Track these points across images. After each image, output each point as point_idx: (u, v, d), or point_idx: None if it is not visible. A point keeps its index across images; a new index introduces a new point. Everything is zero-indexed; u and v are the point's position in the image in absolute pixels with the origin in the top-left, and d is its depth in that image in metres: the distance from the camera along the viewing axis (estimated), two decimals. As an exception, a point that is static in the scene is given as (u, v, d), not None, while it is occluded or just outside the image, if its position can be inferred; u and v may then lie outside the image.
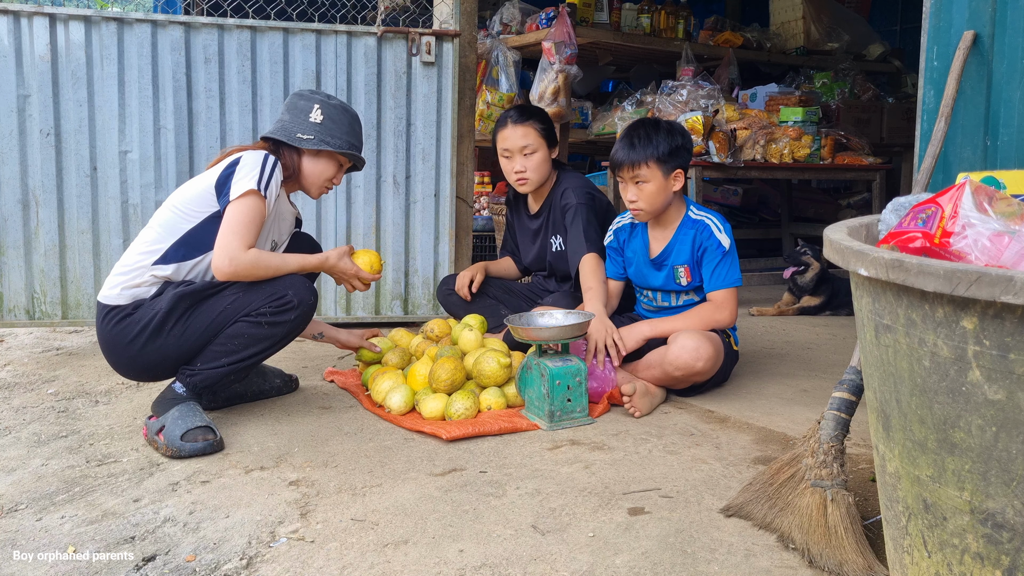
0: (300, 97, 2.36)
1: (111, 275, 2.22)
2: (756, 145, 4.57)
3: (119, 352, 2.20)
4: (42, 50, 3.15)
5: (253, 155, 2.23)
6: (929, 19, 2.10)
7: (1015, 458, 0.97)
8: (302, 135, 2.31)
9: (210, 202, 2.21)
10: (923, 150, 2.08)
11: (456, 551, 1.57)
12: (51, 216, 3.22)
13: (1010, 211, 1.13)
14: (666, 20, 5.47)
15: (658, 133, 2.50)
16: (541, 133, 2.91)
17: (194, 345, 2.18)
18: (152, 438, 2.11)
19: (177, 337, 2.16)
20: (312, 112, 2.32)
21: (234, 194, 2.16)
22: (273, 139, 2.33)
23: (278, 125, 2.35)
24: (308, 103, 2.34)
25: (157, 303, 2.15)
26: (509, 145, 2.92)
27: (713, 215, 2.61)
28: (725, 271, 2.54)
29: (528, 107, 3.00)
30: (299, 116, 2.32)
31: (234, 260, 2.13)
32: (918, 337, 1.04)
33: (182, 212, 2.21)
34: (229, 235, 2.14)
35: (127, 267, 2.20)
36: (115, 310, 2.17)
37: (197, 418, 2.10)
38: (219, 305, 2.18)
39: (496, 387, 2.44)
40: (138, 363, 2.20)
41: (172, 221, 2.21)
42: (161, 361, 2.19)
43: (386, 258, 3.59)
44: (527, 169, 2.91)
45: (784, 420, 2.36)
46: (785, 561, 1.53)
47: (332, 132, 2.33)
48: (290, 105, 2.36)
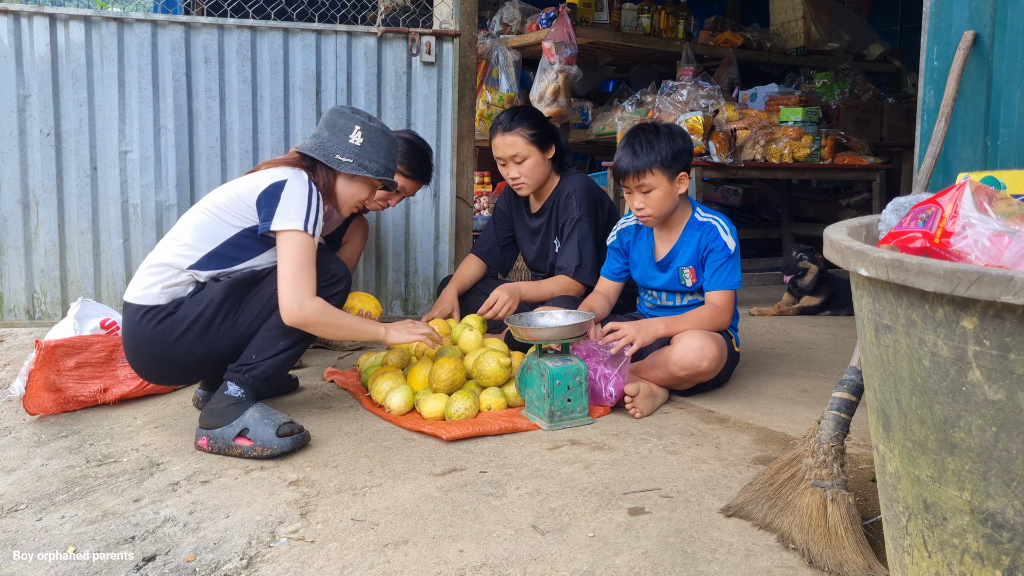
0: (340, 115, 2.29)
1: (142, 275, 2.16)
2: (756, 145, 4.57)
3: (160, 352, 2.13)
4: (42, 50, 3.15)
5: (299, 182, 2.17)
6: (929, 19, 2.10)
7: (1015, 458, 0.97)
8: (341, 157, 2.25)
9: (247, 215, 2.16)
10: (923, 150, 2.08)
11: (456, 551, 1.57)
12: (51, 216, 3.22)
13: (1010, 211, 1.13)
14: (666, 20, 5.47)
15: (659, 138, 2.49)
16: (530, 139, 2.87)
17: (243, 336, 2.15)
18: (228, 445, 2.07)
19: (228, 329, 2.13)
20: (353, 133, 2.26)
21: (279, 225, 2.11)
22: (310, 156, 2.26)
23: (315, 142, 2.28)
24: (349, 123, 2.27)
25: (205, 296, 2.12)
26: (500, 154, 2.92)
27: (720, 216, 2.60)
28: (727, 273, 2.54)
29: (519, 110, 2.96)
30: (339, 136, 2.26)
31: (304, 306, 2.10)
32: (918, 337, 1.04)
33: (217, 217, 2.17)
34: (293, 280, 2.09)
35: (161, 266, 2.15)
36: (154, 310, 2.11)
37: (278, 415, 2.11)
38: (269, 289, 2.16)
39: (496, 387, 2.44)
40: (181, 363, 2.15)
41: (206, 225, 2.17)
42: (205, 357, 2.15)
43: (386, 258, 3.59)
44: (521, 176, 2.91)
45: (784, 420, 2.36)
46: (785, 561, 1.53)
47: (371, 156, 2.28)
48: (329, 122, 2.29)
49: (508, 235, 3.25)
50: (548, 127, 2.96)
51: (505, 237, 3.24)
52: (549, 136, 2.94)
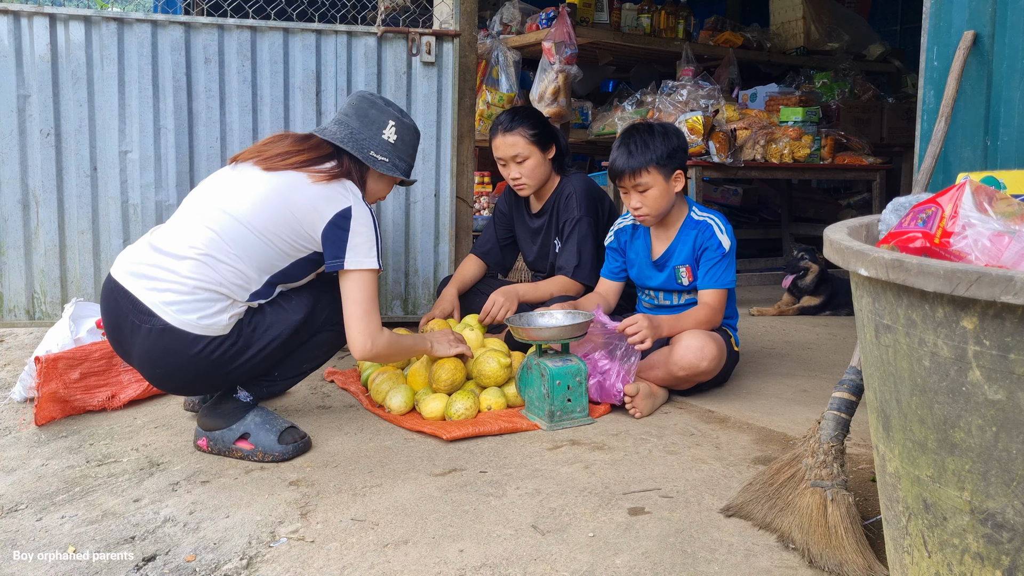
0: (372, 105, 2.19)
1: (185, 297, 1.94)
2: (756, 145, 4.57)
3: (207, 376, 2.02)
4: (42, 50, 3.15)
5: (362, 210, 2.07)
6: (929, 19, 2.10)
7: (1015, 458, 0.97)
8: (376, 155, 2.16)
9: (308, 244, 2.06)
10: (923, 150, 2.08)
11: (456, 551, 1.57)
12: (51, 216, 3.22)
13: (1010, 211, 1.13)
14: (666, 20, 5.47)
15: (654, 137, 2.50)
16: (531, 139, 2.87)
17: (284, 357, 2.14)
18: (228, 448, 2.07)
19: (281, 357, 2.12)
20: (387, 129, 2.17)
21: (353, 264, 2.04)
22: (338, 147, 2.15)
23: (346, 132, 2.14)
24: (383, 116, 2.18)
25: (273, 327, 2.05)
26: (500, 154, 2.91)
27: (716, 215, 2.61)
28: (721, 272, 2.54)
29: (519, 111, 2.95)
30: (372, 129, 2.16)
31: (375, 343, 2.09)
32: (918, 337, 1.04)
33: (270, 242, 2.02)
34: (364, 319, 2.07)
35: (210, 293, 1.95)
36: (216, 340, 1.97)
37: (280, 419, 2.11)
38: (318, 319, 2.15)
39: (496, 387, 2.44)
40: (222, 383, 2.08)
41: (257, 249, 2.01)
42: (243, 375, 2.07)
43: (386, 258, 3.59)
44: (522, 176, 2.90)
45: (784, 420, 2.36)
46: (785, 561, 1.53)
47: (402, 155, 2.22)
48: (360, 112, 2.18)
49: (508, 235, 3.25)
50: (548, 127, 2.96)
51: (505, 237, 3.25)
52: (549, 136, 2.94)
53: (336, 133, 2.16)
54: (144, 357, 1.98)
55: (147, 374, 2.04)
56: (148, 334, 1.94)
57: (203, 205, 2.08)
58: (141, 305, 1.94)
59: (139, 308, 1.94)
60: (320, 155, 2.13)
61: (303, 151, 2.12)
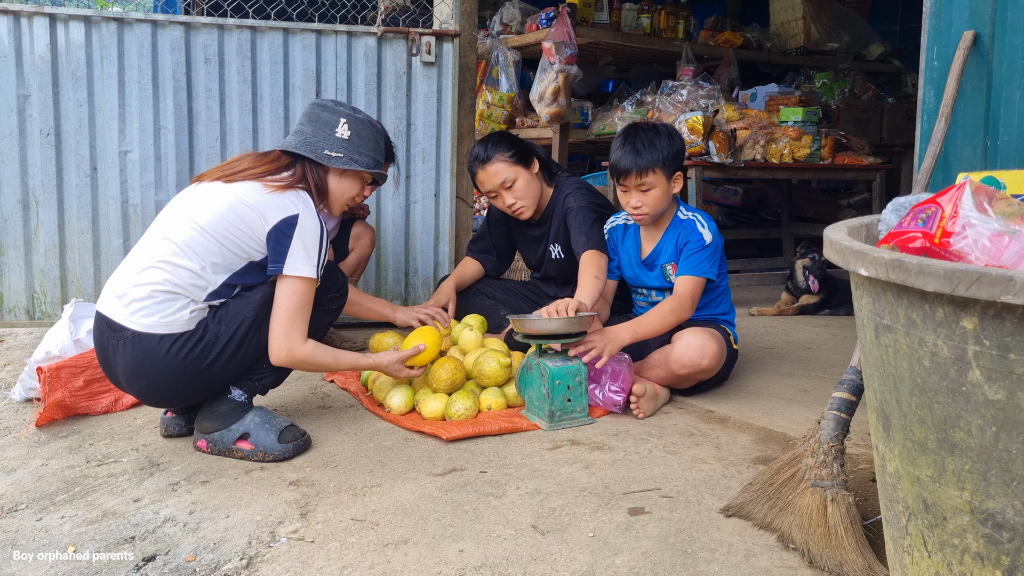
0: (323, 109, 2.22)
1: (145, 302, 1.97)
2: (756, 145, 4.57)
3: (190, 379, 2.01)
4: (42, 50, 3.15)
5: (310, 217, 2.08)
6: (929, 19, 2.10)
7: (1015, 458, 0.97)
8: (330, 152, 2.17)
9: (257, 248, 2.07)
10: (923, 150, 2.08)
11: (456, 551, 1.57)
12: (51, 216, 3.22)
13: (1010, 211, 1.13)
14: (666, 20, 5.47)
15: (660, 138, 2.51)
16: (511, 160, 2.82)
17: (262, 343, 2.11)
18: (228, 448, 2.07)
19: (256, 344, 2.08)
20: (339, 127, 2.18)
21: (291, 270, 2.04)
22: (295, 153, 2.17)
23: (300, 138, 2.18)
24: (333, 116, 2.19)
25: (235, 315, 2.04)
26: (488, 187, 2.87)
27: (700, 213, 2.64)
28: (698, 260, 2.53)
29: (488, 139, 2.88)
30: (324, 130, 2.18)
31: (292, 353, 2.07)
32: (918, 337, 1.04)
33: (224, 247, 2.04)
34: (287, 325, 2.05)
35: (168, 294, 1.98)
36: (183, 337, 1.98)
37: (279, 418, 2.10)
38: None
39: (496, 387, 2.44)
40: (210, 385, 2.07)
41: (214, 252, 2.03)
42: (228, 373, 2.07)
43: (386, 258, 3.59)
44: (517, 200, 2.86)
45: (784, 420, 2.36)
46: (785, 561, 1.53)
47: (360, 149, 2.22)
48: (312, 116, 2.21)
49: (505, 240, 3.22)
50: (522, 144, 2.91)
51: (501, 242, 3.22)
52: (527, 152, 2.90)
53: (291, 141, 2.21)
54: (126, 372, 2.01)
55: (135, 391, 2.05)
56: (124, 348, 1.99)
57: (168, 220, 2.12)
58: (114, 324, 2.00)
59: (113, 327, 2.00)
60: (278, 167, 2.17)
61: (262, 164, 2.17)
